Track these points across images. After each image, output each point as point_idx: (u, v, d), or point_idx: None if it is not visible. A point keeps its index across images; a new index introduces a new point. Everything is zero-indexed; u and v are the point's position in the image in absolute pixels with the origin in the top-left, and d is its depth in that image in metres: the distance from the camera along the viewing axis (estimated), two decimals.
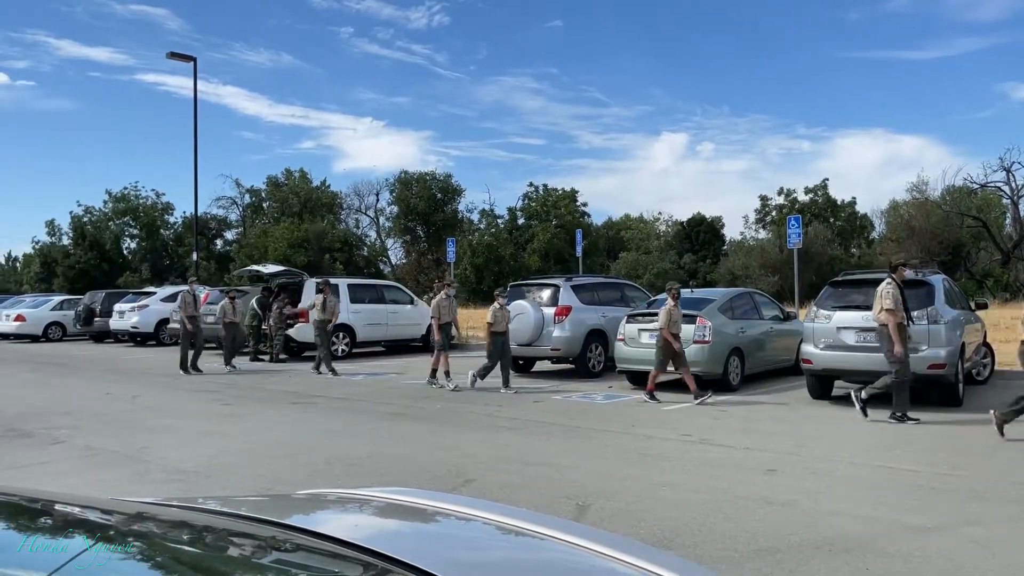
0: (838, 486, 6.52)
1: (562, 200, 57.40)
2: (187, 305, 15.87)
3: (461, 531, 1.87)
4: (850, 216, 58.57)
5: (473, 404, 11.44)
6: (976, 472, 7.00)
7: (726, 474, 6.96)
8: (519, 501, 5.98)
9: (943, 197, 40.71)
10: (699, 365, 12.20)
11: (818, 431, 9.12)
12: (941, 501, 6.01)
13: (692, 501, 6.02)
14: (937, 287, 10.83)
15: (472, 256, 52.64)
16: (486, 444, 8.46)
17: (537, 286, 15.69)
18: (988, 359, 13.24)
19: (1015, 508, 5.82)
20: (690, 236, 61.26)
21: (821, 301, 11.37)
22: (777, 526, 5.35)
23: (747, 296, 14.40)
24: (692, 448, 8.18)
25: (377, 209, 67.16)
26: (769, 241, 51.74)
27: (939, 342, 10.16)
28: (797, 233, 19.67)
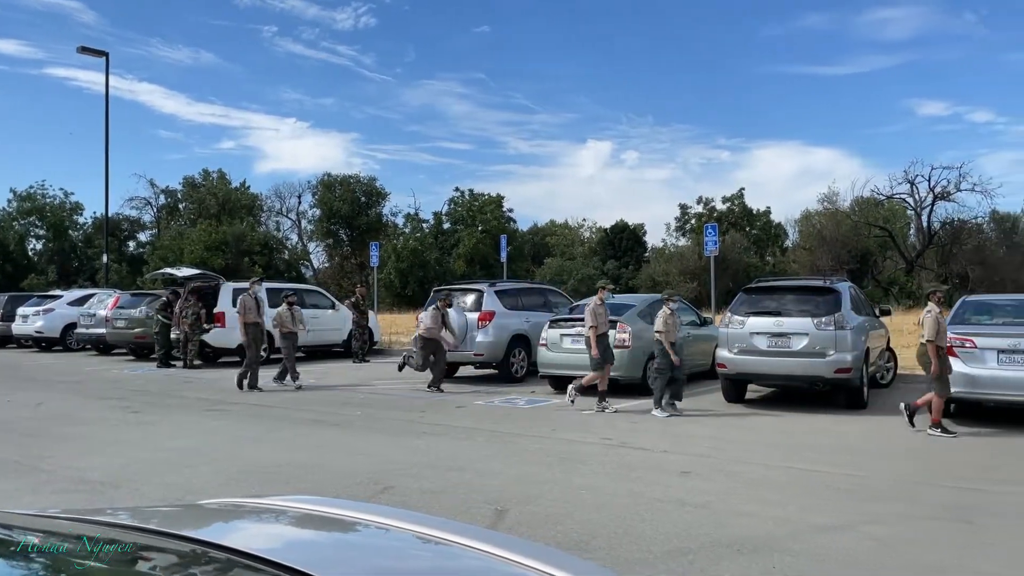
0: (750, 487, 6.73)
1: (488, 205, 57.54)
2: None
3: (373, 540, 1.85)
4: (765, 225, 60.46)
5: (394, 410, 11.35)
6: (877, 472, 7.32)
7: (644, 477, 7.10)
8: (438, 507, 5.97)
9: (852, 208, 42.44)
10: (619, 370, 12.39)
11: (732, 434, 9.38)
12: (845, 501, 6.27)
13: (610, 504, 6.12)
14: (844, 295, 11.28)
15: (397, 261, 52.23)
16: (406, 450, 8.41)
17: (461, 291, 15.69)
18: (891, 363, 13.86)
19: (912, 507, 6.11)
20: (613, 243, 62.17)
21: (735, 307, 11.71)
22: (691, 527, 5.49)
23: None
24: (612, 451, 8.30)
25: (299, 212, 66.04)
26: (688, 248, 52.98)
27: (845, 347, 10.58)
28: (714, 241, 20.22)
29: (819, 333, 10.70)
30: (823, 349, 10.64)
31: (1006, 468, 7.46)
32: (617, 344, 12.39)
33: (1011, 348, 9.42)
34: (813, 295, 11.27)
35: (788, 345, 10.73)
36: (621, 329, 12.50)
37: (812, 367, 10.60)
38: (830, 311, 10.85)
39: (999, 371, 9.40)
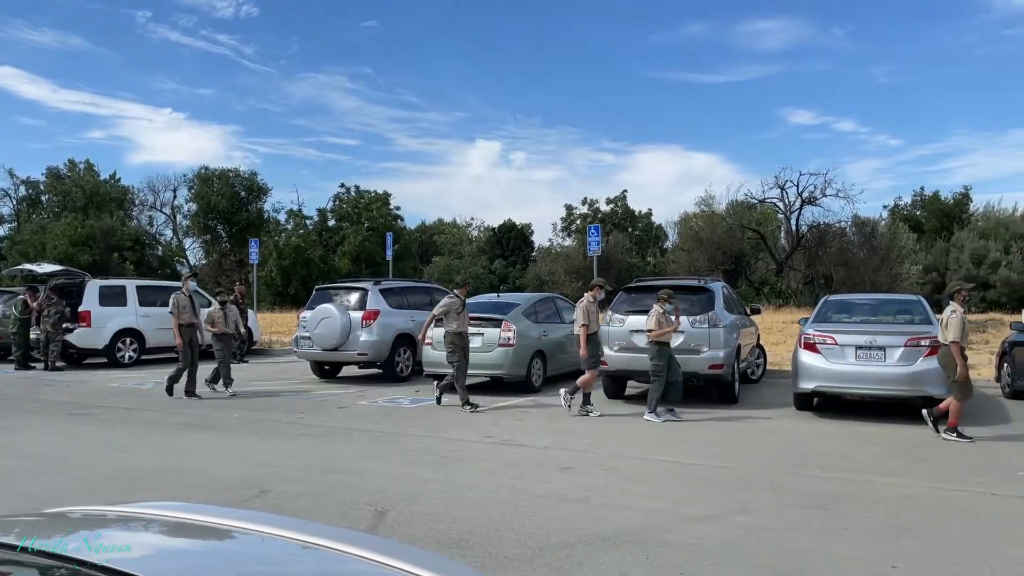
0: (627, 481, 6.91)
1: (375, 203, 56.71)
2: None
3: (246, 549, 1.78)
4: (647, 226, 62.33)
5: (273, 412, 11.03)
6: (747, 464, 7.66)
7: (525, 473, 7.17)
8: (316, 510, 5.84)
9: (727, 211, 44.28)
10: (503, 368, 12.50)
11: (612, 429, 9.62)
12: (716, 492, 6.53)
13: (491, 501, 6.15)
14: (717, 294, 11.75)
15: (279, 258, 50.78)
16: (285, 453, 8.18)
17: (344, 289, 15.41)
18: (761, 360, 14.55)
19: (778, 496, 6.43)
20: (501, 242, 62.62)
21: (616, 306, 12.01)
22: (569, 521, 5.58)
23: (550, 301, 14.92)
24: (494, 449, 8.35)
25: (174, 206, 63.14)
26: (574, 248, 53.97)
27: (718, 344, 11.03)
28: (597, 241, 20.68)
29: (694, 331, 11.11)
30: (697, 346, 11.06)
31: (860, 457, 7.96)
32: (501, 343, 12.49)
33: (867, 344, 10.06)
34: (689, 294, 11.68)
35: None
36: (505, 328, 12.59)
37: (687, 363, 10.98)
38: (704, 309, 11.29)
39: (857, 366, 10.03)
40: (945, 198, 53.18)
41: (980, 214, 49.69)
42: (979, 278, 41.25)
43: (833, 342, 10.23)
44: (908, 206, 55.18)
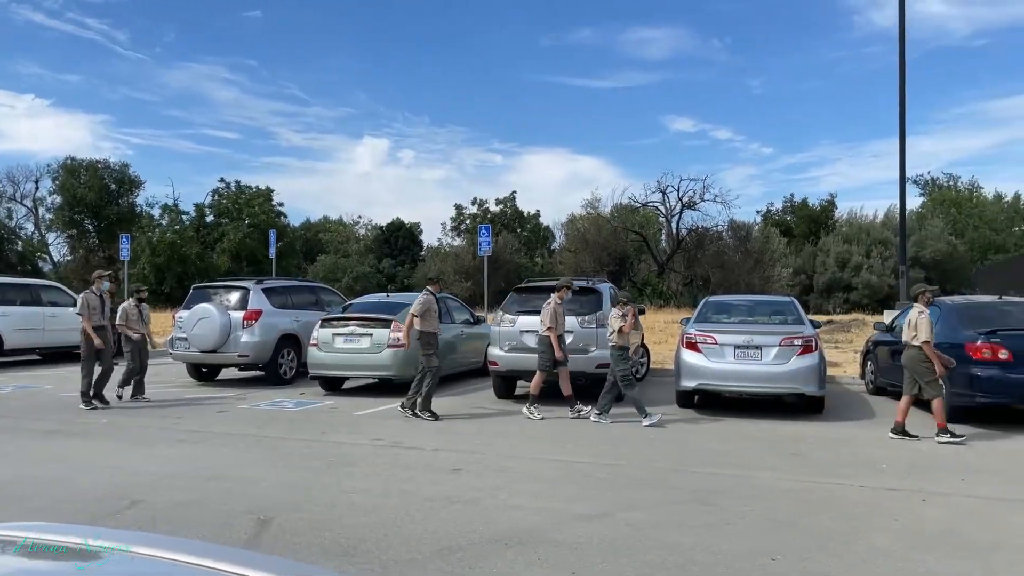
0: (518, 481, 6.91)
1: (256, 198, 54.87)
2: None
3: (114, 569, 1.63)
4: (535, 227, 63.11)
5: (146, 417, 10.46)
6: (632, 461, 7.82)
7: (415, 476, 7.06)
8: (193, 521, 5.55)
9: (612, 213, 45.42)
10: (392, 369, 12.31)
11: (503, 430, 9.62)
12: (604, 490, 6.62)
13: (381, 506, 6.01)
14: (605, 294, 11.97)
15: (152, 255, 48.38)
16: (159, 460, 7.75)
17: (224, 288, 14.80)
18: (645, 359, 14.93)
19: (663, 493, 6.58)
20: (389, 241, 61.93)
21: (506, 306, 12.05)
22: (461, 524, 5.52)
23: (441, 301, 14.80)
24: (384, 452, 8.19)
25: (36, 198, 59.15)
26: (463, 248, 53.99)
27: (606, 344, 11.22)
28: (487, 241, 20.73)
29: (583, 331, 11.28)
30: (586, 346, 11.23)
31: (739, 453, 8.26)
32: (391, 343, 12.29)
33: (745, 344, 10.47)
34: (577, 295, 11.84)
35: None
36: (395, 328, 12.41)
37: (575, 363, 11.12)
38: (593, 310, 11.48)
39: (735, 365, 10.42)
40: (813, 205, 56.35)
41: (844, 220, 52.93)
42: (843, 280, 43.90)
43: (713, 342, 10.58)
44: (779, 212, 58.11)
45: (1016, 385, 9.47)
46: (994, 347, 9.54)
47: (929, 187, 65.14)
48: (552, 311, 10.54)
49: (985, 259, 46.94)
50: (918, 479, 7.04)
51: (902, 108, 16.42)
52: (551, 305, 10.61)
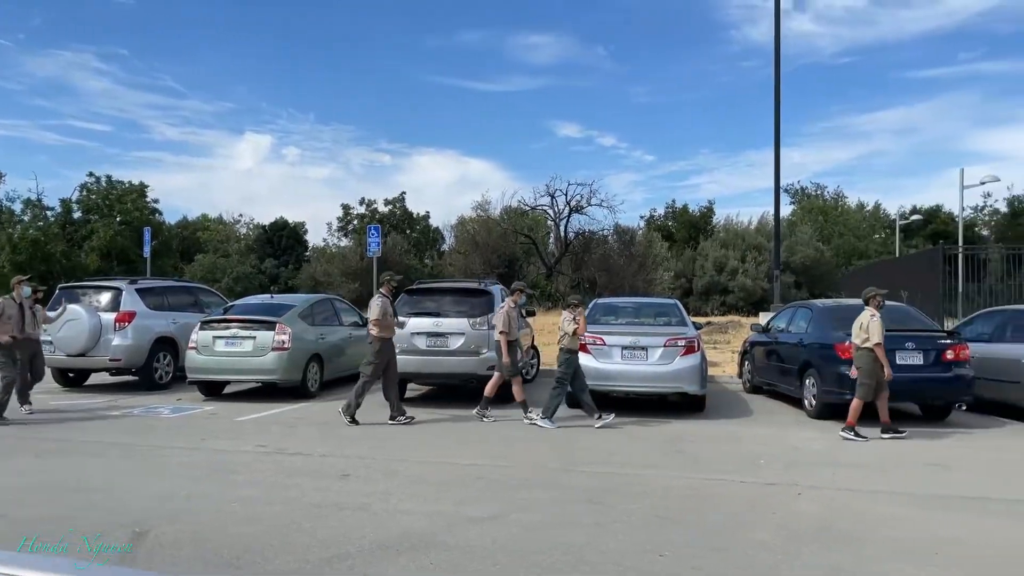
0: (408, 485, 6.81)
1: (129, 195, 52.07)
2: None
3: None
4: (425, 228, 62.70)
5: (5, 427, 9.72)
6: (523, 462, 7.85)
7: (302, 483, 6.84)
8: (57, 536, 5.17)
9: (502, 216, 45.68)
10: (276, 373, 11.94)
11: (392, 432, 9.48)
12: (496, 491, 6.61)
13: (266, 514, 5.79)
14: (496, 296, 12.00)
15: (12, 252, 45.15)
16: (22, 473, 7.22)
17: (94, 289, 13.98)
18: (535, 360, 15.08)
19: (553, 493, 6.63)
20: (272, 240, 60.06)
21: (397, 308, 11.87)
22: (350, 530, 5.38)
23: (328, 302, 14.49)
24: (267, 459, 7.91)
25: None
26: (351, 249, 53.05)
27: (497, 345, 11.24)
28: (376, 242, 20.43)
29: (474, 332, 11.26)
30: (477, 348, 11.21)
31: (626, 452, 8.44)
32: (275, 346, 11.92)
33: (632, 345, 10.72)
34: (468, 297, 11.82)
35: (446, 344, 11.13)
36: (280, 330, 12.04)
37: (467, 365, 11.10)
38: (484, 312, 11.48)
39: (623, 365, 10.65)
40: (693, 211, 58.45)
41: (722, 226, 55.11)
42: (720, 284, 45.73)
43: (602, 343, 10.78)
44: (662, 217, 59.99)
45: None
46: None
47: (799, 196, 68.72)
48: (506, 314, 10.35)
49: (850, 264, 49.92)
50: (794, 474, 7.38)
51: (777, 120, 17.26)
52: (504, 308, 10.45)
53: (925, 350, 10.12)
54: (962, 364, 10.15)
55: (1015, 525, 5.78)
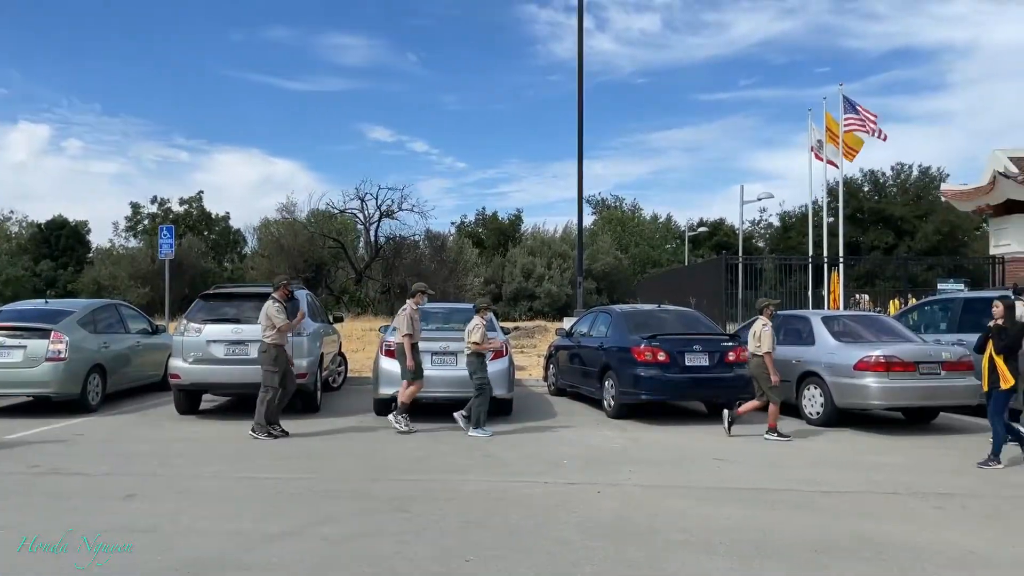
0: (201, 503, 6.39)
1: None
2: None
3: None
4: (224, 230, 59.70)
5: None
6: (328, 473, 7.62)
7: (82, 506, 6.24)
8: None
9: (309, 219, 44.36)
10: (51, 385, 10.86)
11: (183, 448, 8.86)
12: (298, 505, 6.35)
13: (39, 543, 5.19)
14: (301, 302, 11.58)
15: None
16: None
17: None
18: (343, 367, 14.73)
19: (359, 503, 6.47)
20: (49, 240, 54.71)
21: (192, 314, 11.16)
22: (136, 555, 4.95)
23: (112, 308, 13.34)
24: (41, 480, 7.14)
25: None
26: (140, 250, 49.46)
27: (301, 353, 10.86)
28: (169, 243, 19.13)
29: None
30: None
31: (434, 458, 8.42)
32: (50, 356, 10.84)
33: (441, 350, 10.74)
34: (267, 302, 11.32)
35: (246, 353, 10.59)
36: (56, 339, 10.95)
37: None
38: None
39: (432, 370, 10.61)
40: (502, 219, 59.92)
41: (529, 234, 56.87)
42: (528, 289, 47.09)
43: None
44: (472, 224, 60.96)
45: (672, 383, 10.76)
46: (654, 350, 10.75)
47: (600, 207, 72.33)
48: (408, 317, 9.98)
49: (645, 271, 53.17)
50: (594, 473, 7.68)
51: (580, 134, 18.02)
52: (407, 311, 10.05)
53: (710, 352, 10.91)
54: (742, 365, 11.02)
55: (790, 513, 6.34)
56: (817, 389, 10.76)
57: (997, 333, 8.21)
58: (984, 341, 8.35)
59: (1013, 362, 8.16)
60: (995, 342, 8.18)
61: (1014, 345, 8.15)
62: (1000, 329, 8.21)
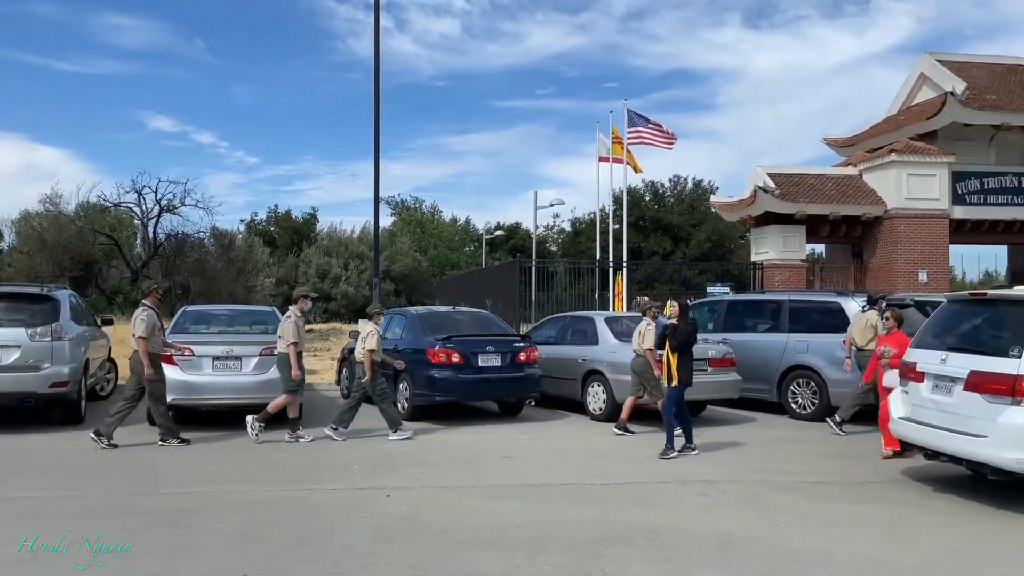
0: None
1: None
2: None
3: None
4: None
5: None
6: (92, 490, 6.96)
7: None
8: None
9: (77, 212, 40.44)
10: None
11: None
12: (54, 525, 5.73)
13: None
14: (63, 303, 10.54)
15: None
16: None
17: None
18: (112, 374, 13.58)
19: (129, 519, 5.95)
20: None
21: None
22: None
23: None
24: None
25: None
26: None
27: (63, 359, 9.87)
28: None
29: (33, 345, 9.74)
30: (37, 362, 9.71)
31: (213, 468, 7.94)
32: None
33: (224, 355, 10.19)
34: (28, 303, 10.22)
35: None
36: None
37: (23, 383, 9.57)
38: (47, 320, 9.99)
39: (214, 377, 10.06)
40: (296, 217, 57.93)
41: (325, 233, 55.49)
42: (323, 291, 45.97)
43: (191, 353, 10.08)
44: (263, 221, 58.47)
45: (465, 384, 10.89)
46: (448, 351, 10.83)
47: (399, 208, 72.03)
48: (294, 324, 9.54)
49: (443, 274, 53.57)
50: (383, 477, 7.59)
51: (376, 134, 17.78)
52: (292, 319, 9.59)
53: (503, 352, 11.15)
54: (532, 364, 11.40)
55: (572, 506, 6.60)
56: (600, 386, 11.33)
57: (672, 332, 8.65)
58: (662, 340, 8.84)
59: (686, 360, 8.63)
60: (669, 341, 8.62)
61: (685, 344, 8.60)
62: (674, 328, 8.64)
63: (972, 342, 7.10)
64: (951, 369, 6.87)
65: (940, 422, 6.92)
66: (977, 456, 6.50)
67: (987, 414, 6.39)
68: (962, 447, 6.63)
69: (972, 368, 6.62)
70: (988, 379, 6.45)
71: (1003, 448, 6.24)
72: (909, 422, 7.37)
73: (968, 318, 7.47)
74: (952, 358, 6.92)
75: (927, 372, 7.21)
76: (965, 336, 7.27)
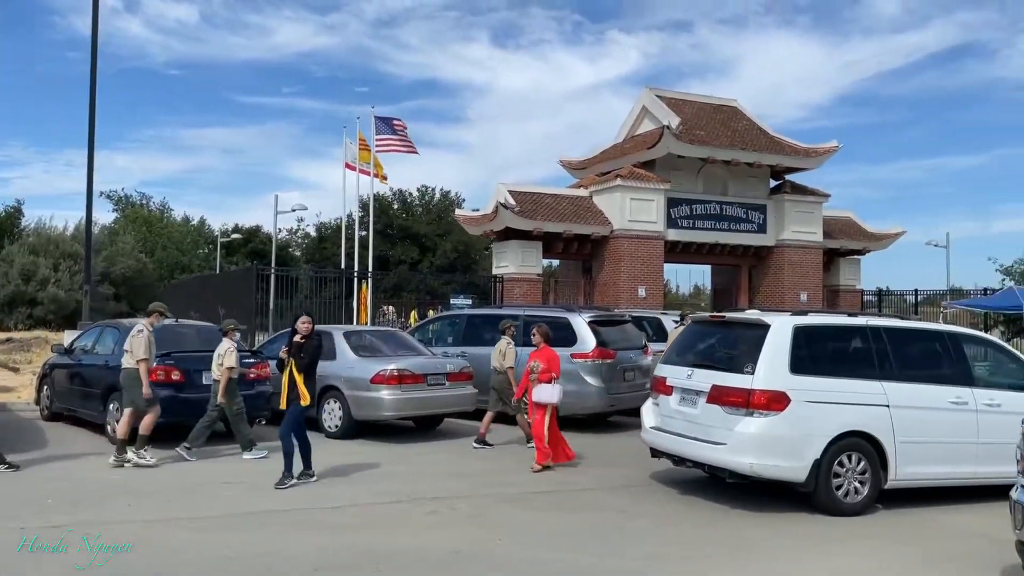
0: None
1: None
2: None
3: None
4: None
5: None
6: None
7: None
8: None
9: None
10: None
11: None
12: None
13: None
14: None
15: None
16: None
17: None
18: None
19: None
20: None
21: None
22: None
23: None
24: None
25: None
26: None
27: None
28: None
29: None
30: None
31: None
32: None
33: None
34: None
35: None
36: None
37: None
38: None
39: None
40: None
41: (32, 230, 49.31)
42: (28, 294, 40.89)
43: None
44: None
45: (188, 404, 10.04)
46: (168, 369, 9.98)
47: (123, 203, 65.85)
48: (146, 340, 9.03)
49: (173, 277, 49.72)
50: (87, 511, 6.81)
51: (92, 119, 16.04)
52: (144, 333, 9.06)
53: None
54: (263, 382, 10.83)
55: (295, 533, 6.31)
56: (336, 403, 11.06)
57: (298, 350, 7.92)
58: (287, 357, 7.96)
59: (311, 380, 8.04)
60: (296, 360, 7.89)
61: (313, 362, 8.03)
62: (301, 346, 7.91)
63: (713, 359, 7.88)
64: (696, 383, 7.61)
65: (686, 431, 7.64)
66: (718, 461, 7.27)
67: (726, 424, 7.15)
68: (705, 453, 7.37)
69: (713, 383, 7.37)
70: (726, 393, 7.21)
71: (739, 454, 7.02)
72: (659, 431, 8.07)
73: (709, 337, 8.37)
74: (697, 373, 7.66)
75: (675, 386, 7.92)
76: (707, 353, 8.07)
